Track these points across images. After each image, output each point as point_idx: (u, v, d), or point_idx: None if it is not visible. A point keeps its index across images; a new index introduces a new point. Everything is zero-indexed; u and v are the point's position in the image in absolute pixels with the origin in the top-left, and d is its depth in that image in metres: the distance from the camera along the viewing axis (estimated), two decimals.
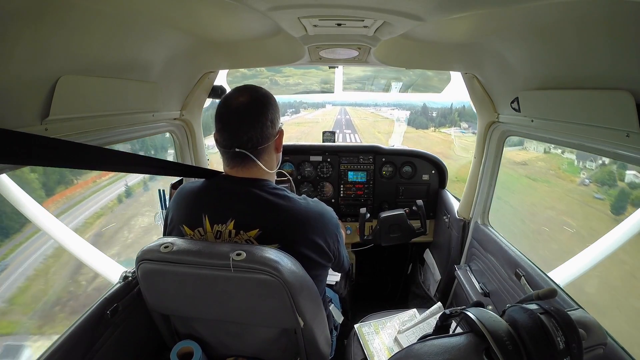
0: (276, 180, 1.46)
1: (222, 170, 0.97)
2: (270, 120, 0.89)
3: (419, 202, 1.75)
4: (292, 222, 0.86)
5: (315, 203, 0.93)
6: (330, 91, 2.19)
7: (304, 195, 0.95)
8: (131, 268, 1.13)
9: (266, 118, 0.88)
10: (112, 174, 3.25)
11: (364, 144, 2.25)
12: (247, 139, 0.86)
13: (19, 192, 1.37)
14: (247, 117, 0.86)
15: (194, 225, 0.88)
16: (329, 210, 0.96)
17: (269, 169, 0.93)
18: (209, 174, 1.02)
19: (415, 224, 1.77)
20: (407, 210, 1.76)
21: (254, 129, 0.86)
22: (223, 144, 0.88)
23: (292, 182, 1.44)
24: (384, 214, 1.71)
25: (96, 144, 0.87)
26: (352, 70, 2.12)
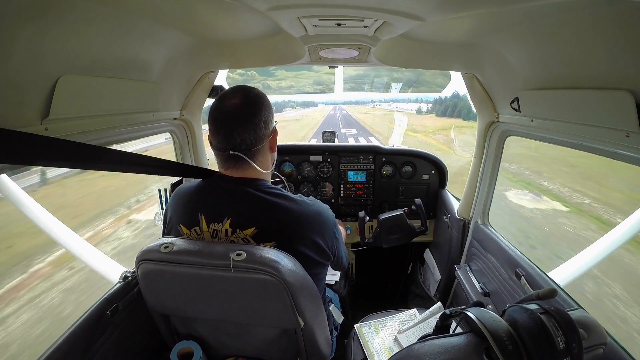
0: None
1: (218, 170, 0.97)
2: (264, 121, 0.89)
3: (417, 200, 1.72)
4: (289, 220, 0.86)
5: (312, 201, 0.93)
6: (330, 91, 2.19)
7: (299, 194, 0.95)
8: (131, 268, 1.13)
9: (259, 119, 0.88)
10: None
11: (364, 144, 2.25)
12: (240, 141, 0.86)
13: (19, 192, 1.37)
14: (240, 119, 0.86)
15: (191, 224, 0.88)
16: (326, 208, 0.96)
17: (264, 170, 0.93)
18: (206, 174, 1.01)
19: (415, 223, 1.76)
20: (407, 210, 1.75)
21: (247, 131, 0.86)
22: (217, 146, 0.88)
23: (285, 182, 1.43)
24: (383, 216, 1.69)
25: (96, 144, 0.87)
26: (351, 71, 2.12)
